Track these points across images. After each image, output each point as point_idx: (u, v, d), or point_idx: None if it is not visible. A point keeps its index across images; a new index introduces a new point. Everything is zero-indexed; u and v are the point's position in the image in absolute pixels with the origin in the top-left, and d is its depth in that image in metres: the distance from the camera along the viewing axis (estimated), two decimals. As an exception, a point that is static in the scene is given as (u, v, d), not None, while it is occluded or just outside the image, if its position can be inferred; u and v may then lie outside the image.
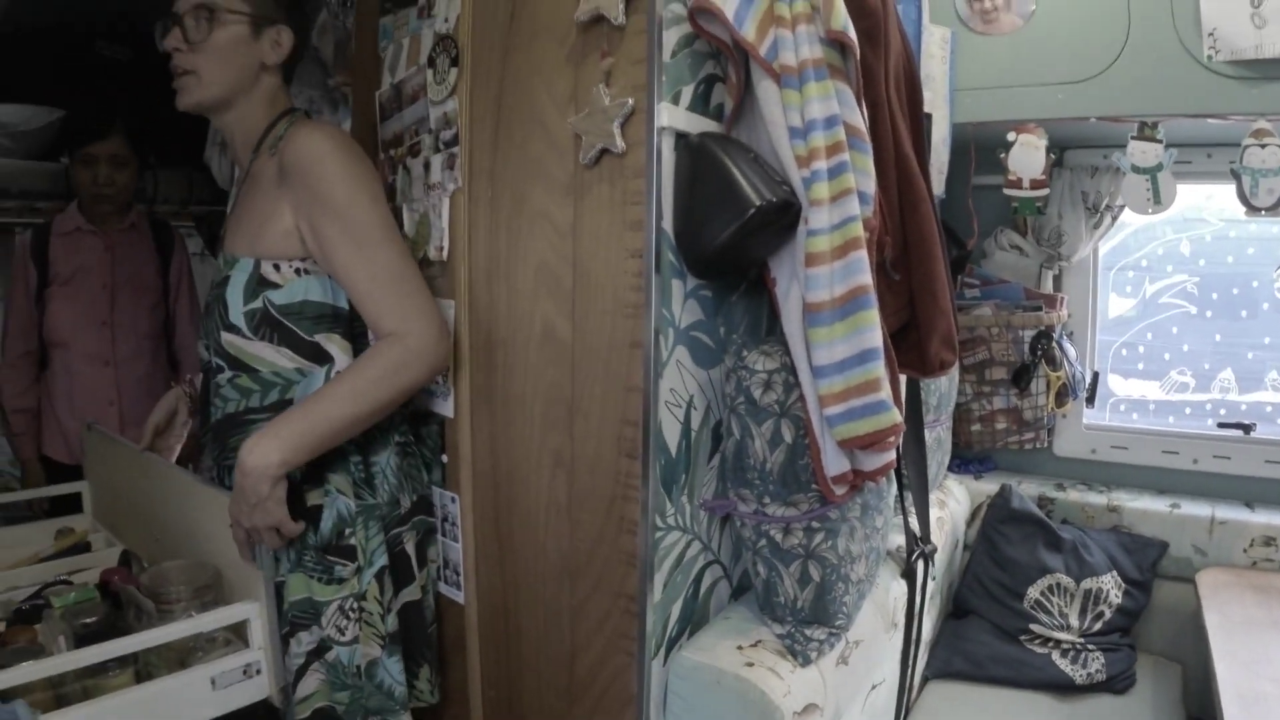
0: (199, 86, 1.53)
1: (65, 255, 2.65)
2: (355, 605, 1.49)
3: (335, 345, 1.52)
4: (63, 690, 1.26)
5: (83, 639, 1.34)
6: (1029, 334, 2.46)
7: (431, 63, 1.60)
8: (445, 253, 1.58)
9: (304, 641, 1.47)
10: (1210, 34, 1.98)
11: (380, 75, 1.79)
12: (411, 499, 1.61)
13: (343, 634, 1.48)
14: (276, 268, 1.48)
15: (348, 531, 1.49)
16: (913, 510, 1.91)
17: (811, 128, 1.28)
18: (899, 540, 1.89)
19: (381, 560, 1.52)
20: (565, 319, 1.40)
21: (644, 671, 1.38)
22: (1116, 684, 2.15)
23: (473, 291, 1.57)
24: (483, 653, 1.66)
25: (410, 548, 1.60)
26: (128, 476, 1.84)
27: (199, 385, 1.83)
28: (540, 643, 1.54)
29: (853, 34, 1.32)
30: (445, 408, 1.62)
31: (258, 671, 1.40)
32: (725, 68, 1.40)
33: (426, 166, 1.62)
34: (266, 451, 1.37)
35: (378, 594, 1.51)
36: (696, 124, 1.34)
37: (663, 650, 1.41)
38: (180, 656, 1.39)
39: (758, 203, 1.23)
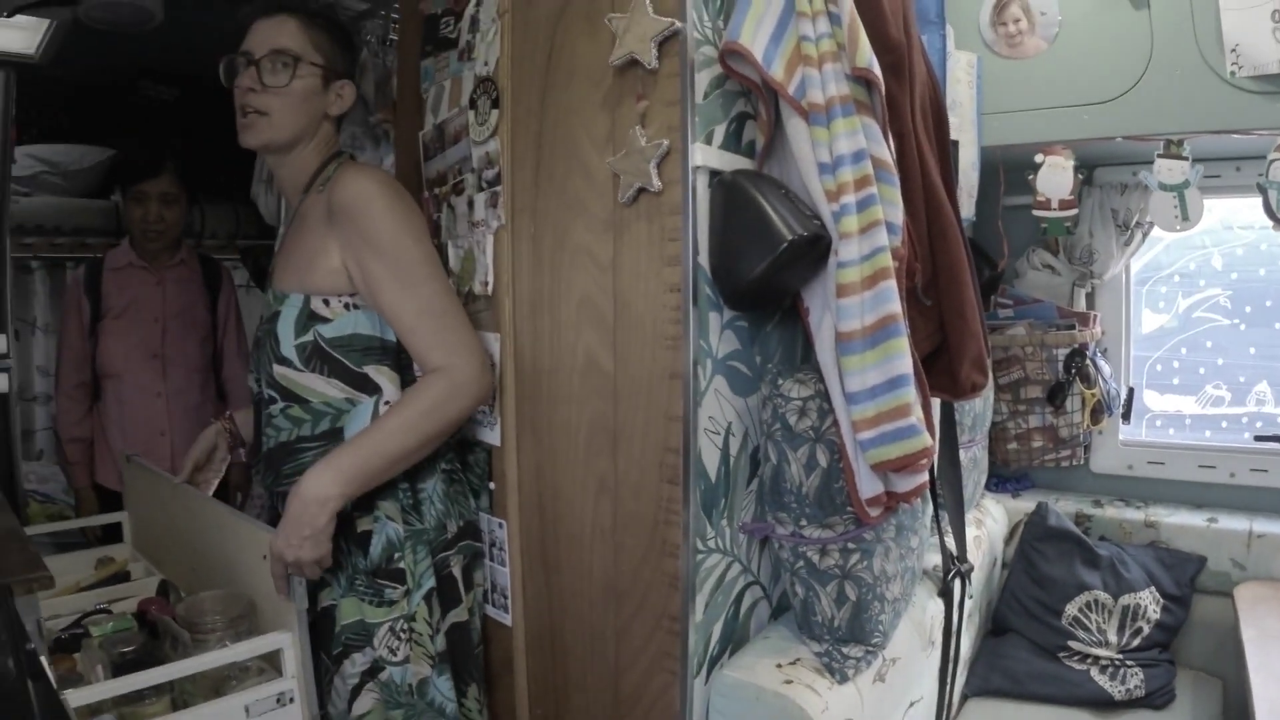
0: (269, 128, 1.59)
1: (118, 290, 2.73)
2: (405, 626, 1.54)
3: (384, 376, 1.58)
4: (101, 718, 1.31)
5: (120, 668, 1.37)
6: (1063, 352, 2.48)
7: (473, 104, 1.66)
8: (490, 287, 1.65)
9: (358, 663, 1.53)
10: (1233, 50, 2.00)
11: (423, 115, 1.86)
12: (458, 524, 1.65)
13: (394, 654, 1.53)
14: (326, 303, 1.55)
15: (396, 556, 1.55)
16: (949, 530, 1.94)
17: (840, 163, 1.34)
18: (936, 560, 1.92)
19: (430, 583, 1.57)
20: (607, 350, 1.46)
21: (687, 689, 1.42)
22: (1156, 699, 2.15)
23: (517, 324, 1.63)
24: (530, 673, 1.70)
25: (457, 571, 1.65)
26: (167, 508, 1.89)
27: (238, 421, 1.92)
28: (586, 663, 1.58)
29: (877, 70, 1.38)
30: (492, 436, 1.67)
31: (291, 700, 1.42)
32: (755, 105, 1.45)
33: (470, 204, 1.68)
34: (326, 484, 1.44)
35: (426, 615, 1.57)
36: (729, 161, 1.40)
37: (704, 669, 1.45)
38: (215, 685, 1.42)
39: (790, 237, 1.29)
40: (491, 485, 1.70)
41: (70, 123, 3.82)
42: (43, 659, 1.28)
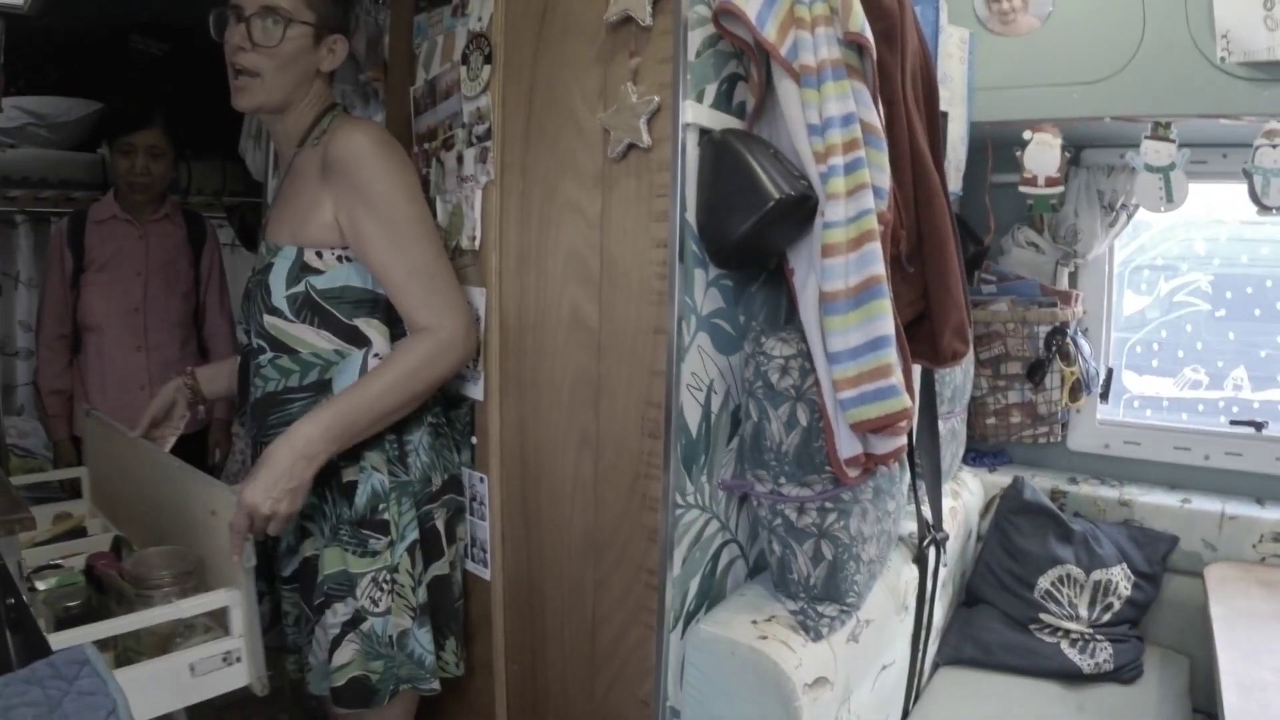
0: (262, 91, 1.57)
1: (100, 243, 2.71)
2: (388, 578, 1.56)
3: (374, 329, 1.59)
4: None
5: (63, 622, 1.34)
6: (1044, 330, 2.50)
7: (465, 59, 1.67)
8: (477, 242, 1.65)
9: (339, 612, 1.54)
10: (1224, 36, 2.01)
11: (415, 71, 1.86)
12: (443, 477, 1.67)
13: (376, 605, 1.55)
14: (319, 255, 1.56)
15: (381, 507, 1.56)
16: (925, 498, 1.96)
17: (829, 125, 1.35)
18: (912, 527, 1.94)
19: (413, 535, 1.59)
20: (593, 305, 1.47)
21: (663, 643, 1.44)
22: (1124, 674, 2.19)
23: (503, 279, 1.64)
24: (507, 627, 1.73)
25: (440, 524, 1.67)
26: (123, 463, 1.86)
27: (200, 378, 1.91)
28: (563, 616, 1.61)
29: (869, 35, 1.39)
30: (476, 391, 1.69)
31: (237, 659, 1.39)
32: (747, 67, 1.46)
33: (460, 160, 1.69)
34: (315, 440, 1.45)
35: (409, 567, 1.58)
36: (719, 121, 1.41)
37: (681, 623, 1.47)
38: (162, 643, 1.38)
39: (777, 196, 1.30)
40: (474, 440, 1.71)
41: (58, 75, 3.79)
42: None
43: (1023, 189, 2.36)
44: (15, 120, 3.48)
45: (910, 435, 1.80)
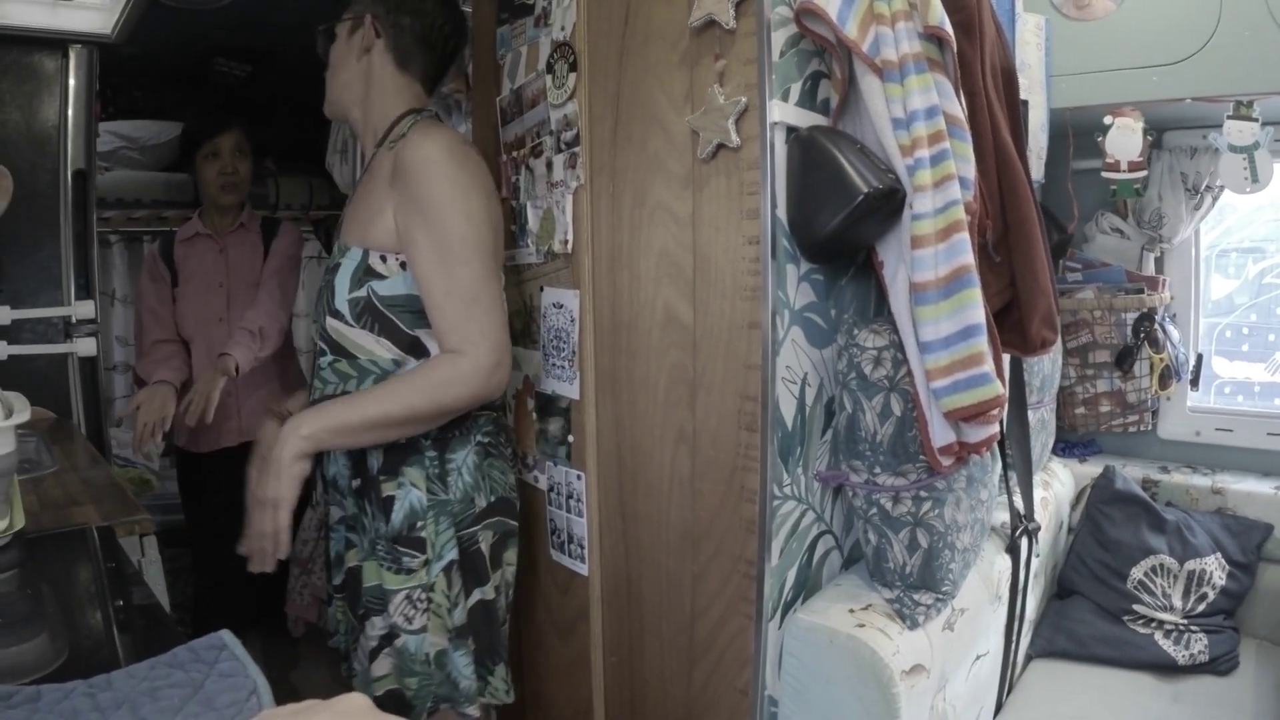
0: (327, 103, 1.71)
1: (186, 259, 2.78)
2: (423, 596, 1.57)
3: (435, 343, 1.56)
4: None
5: None
6: (1131, 316, 2.47)
7: (550, 68, 1.71)
8: (569, 245, 1.70)
9: (377, 626, 1.57)
10: (1303, 10, 1.99)
11: (500, 81, 1.90)
12: (489, 499, 1.63)
13: (410, 622, 1.56)
14: (384, 259, 1.55)
15: (419, 524, 1.57)
16: (1017, 488, 1.96)
17: (913, 118, 1.36)
18: (1004, 517, 1.94)
19: (451, 555, 1.58)
20: (686, 303, 1.50)
21: (762, 633, 1.46)
22: (1219, 665, 2.16)
23: (596, 280, 1.68)
24: (605, 620, 1.76)
25: (485, 547, 1.62)
26: None
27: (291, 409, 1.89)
28: (661, 609, 1.64)
29: (949, 28, 1.40)
30: (571, 390, 1.73)
31: None
32: (829, 64, 1.48)
33: (549, 166, 1.73)
34: (298, 425, 1.48)
35: (445, 588, 1.58)
36: (805, 118, 1.43)
37: (779, 613, 1.49)
38: None
39: (865, 190, 1.32)
40: (571, 438, 1.75)
41: (146, 100, 3.94)
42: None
43: (1106, 175, 2.34)
44: (109, 144, 3.63)
45: (1001, 425, 1.80)
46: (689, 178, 1.47)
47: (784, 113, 1.38)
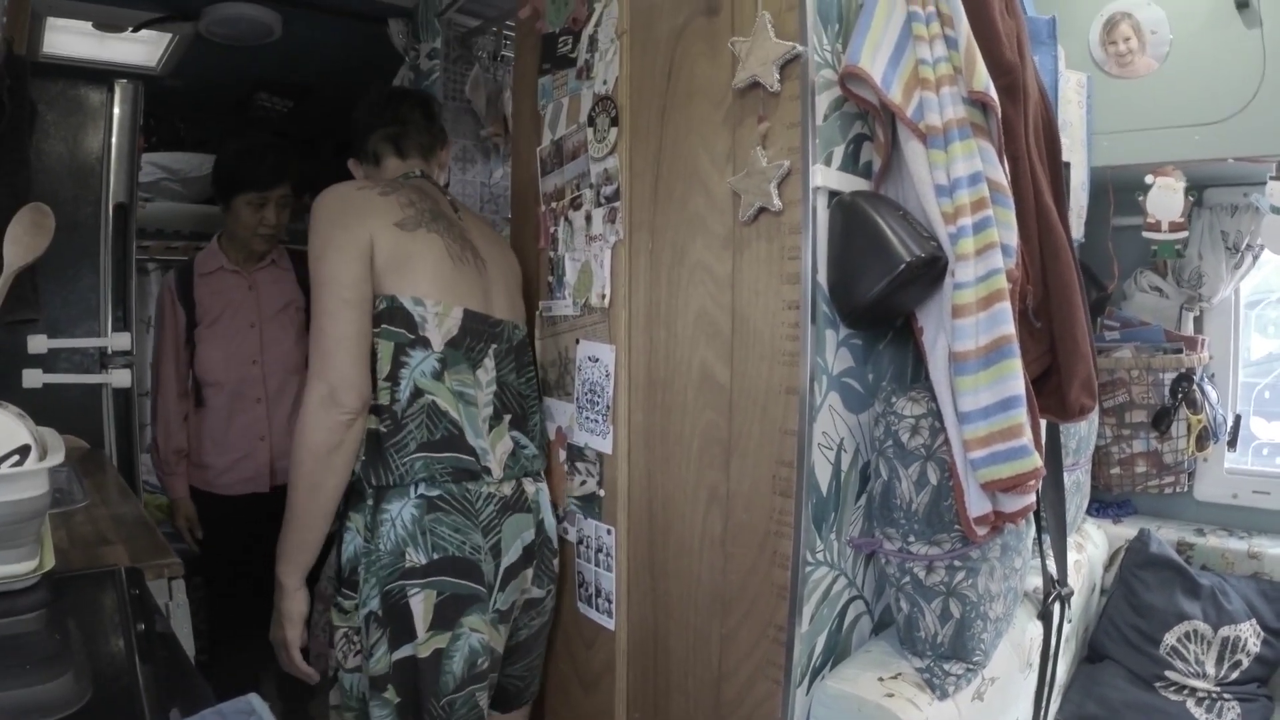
0: None
1: (210, 296, 2.66)
2: (356, 638, 1.64)
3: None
4: None
5: None
6: (1169, 376, 2.44)
7: (591, 121, 1.72)
8: (607, 300, 1.70)
9: (331, 656, 1.66)
10: (1347, 70, 1.97)
11: (539, 131, 1.92)
12: (430, 556, 1.58)
13: (345, 660, 1.65)
14: None
15: (357, 568, 1.62)
16: (1050, 553, 1.93)
17: (957, 185, 1.36)
18: (1036, 582, 1.91)
19: (373, 605, 1.59)
20: (724, 364, 1.49)
21: (789, 699, 1.44)
22: (1253, 734, 2.12)
23: (633, 336, 1.68)
24: (630, 676, 1.75)
25: (417, 604, 1.57)
26: None
27: None
28: (687, 667, 1.62)
29: (993, 93, 1.40)
30: (604, 445, 1.72)
31: None
32: (872, 127, 1.48)
33: (588, 219, 1.74)
34: (277, 570, 1.63)
35: (366, 635, 1.62)
36: (847, 183, 1.43)
37: (807, 679, 1.47)
38: None
39: (907, 258, 1.31)
40: (602, 492, 1.74)
41: (189, 131, 4.00)
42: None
43: (1146, 234, 2.32)
44: (150, 175, 3.68)
45: (1036, 491, 1.78)
46: (729, 238, 1.47)
47: (827, 177, 1.37)
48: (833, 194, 1.40)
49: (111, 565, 1.52)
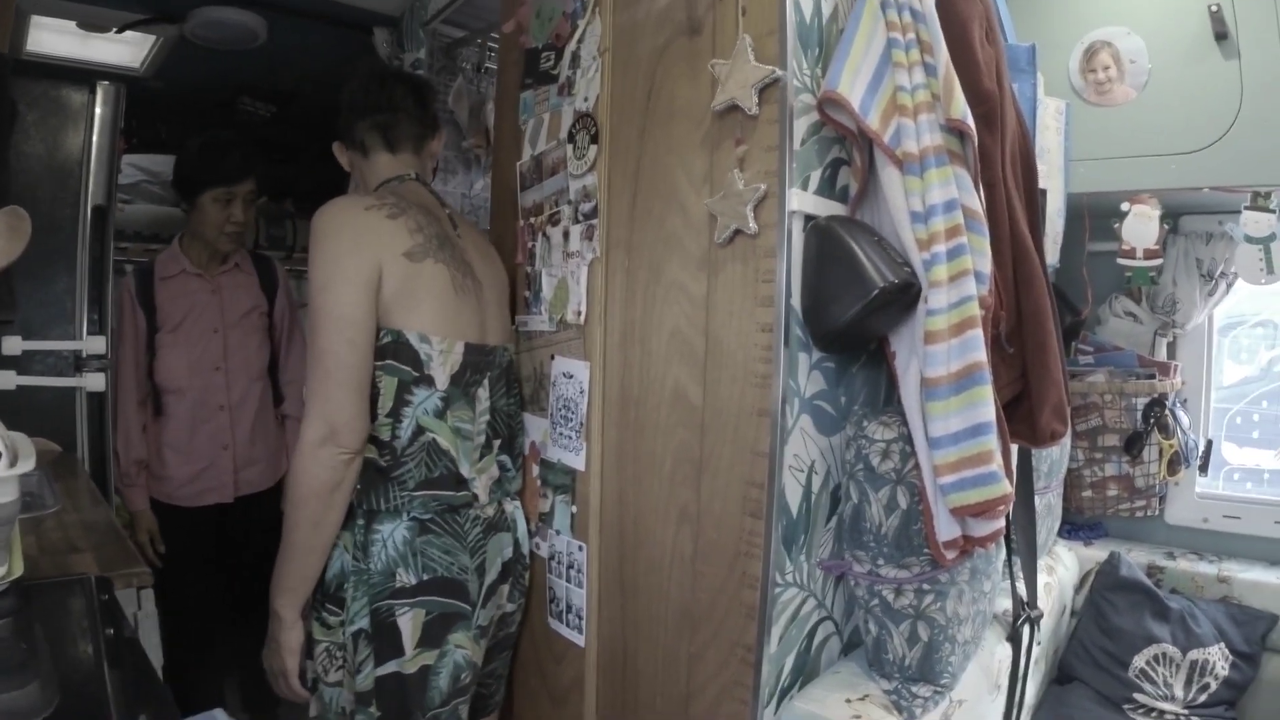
0: None
1: (171, 300, 2.60)
2: (339, 653, 1.64)
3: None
4: None
5: None
6: (1142, 401, 2.47)
7: (572, 138, 1.72)
8: (583, 317, 1.70)
9: (311, 668, 1.65)
10: (1323, 102, 2.00)
11: (520, 146, 1.92)
12: (420, 577, 1.60)
13: (327, 674, 1.66)
14: None
15: (344, 586, 1.61)
16: (1020, 575, 1.94)
17: (932, 212, 1.37)
18: (1006, 604, 1.92)
19: (362, 623, 1.59)
20: (697, 384, 1.49)
21: (757, 718, 1.44)
22: (1221, 757, 2.14)
23: (607, 353, 1.68)
24: (600, 691, 1.74)
25: (405, 622, 1.58)
26: None
27: None
28: (656, 685, 1.62)
29: (971, 121, 1.41)
30: (577, 461, 1.72)
31: None
32: (850, 152, 1.49)
33: (566, 235, 1.74)
34: (271, 603, 1.62)
35: (353, 651, 1.61)
36: (824, 207, 1.43)
37: (775, 699, 1.47)
38: None
39: (881, 284, 1.32)
40: (574, 509, 1.74)
41: (170, 133, 3.97)
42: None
43: (1121, 261, 2.35)
44: (130, 177, 3.64)
45: (1006, 515, 1.79)
46: (705, 259, 1.47)
47: (803, 201, 1.38)
48: (808, 218, 1.41)
49: (80, 573, 1.51)
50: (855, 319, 1.33)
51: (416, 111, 1.85)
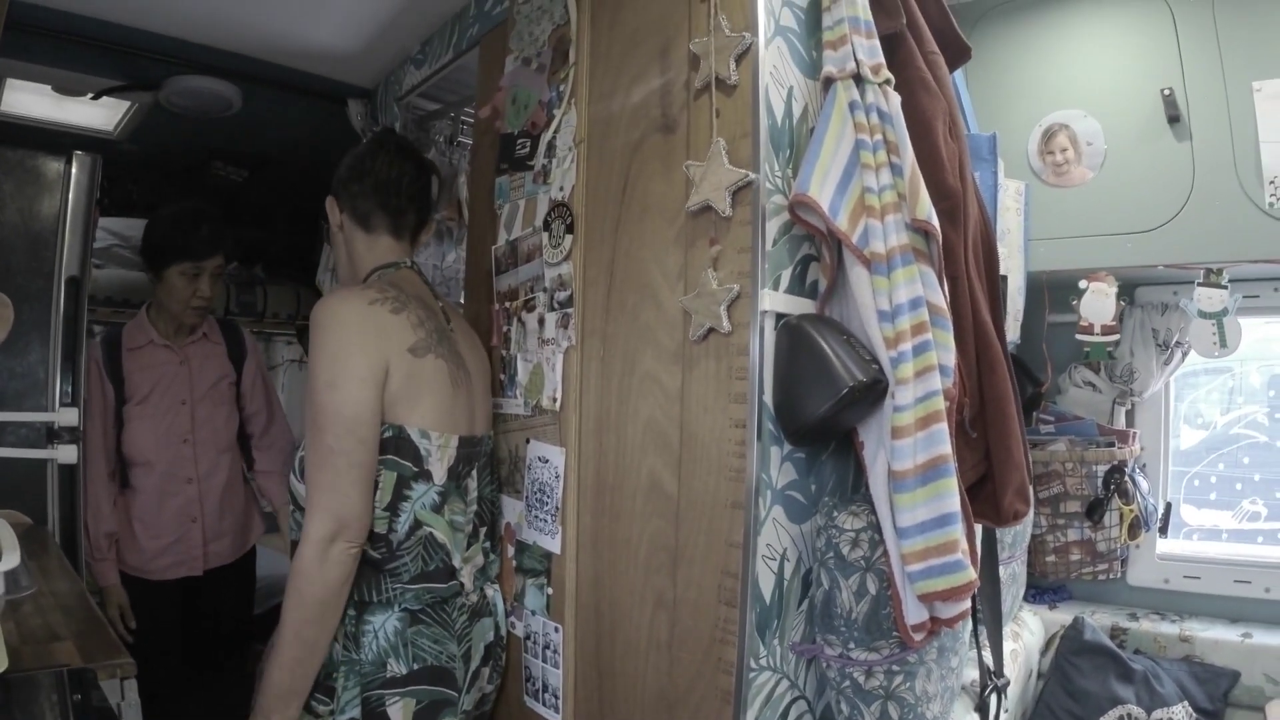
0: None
1: (139, 371, 2.60)
2: None
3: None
4: None
5: None
6: (1102, 469, 2.53)
7: (547, 226, 1.77)
8: (558, 403, 1.73)
9: None
10: (1271, 182, 2.08)
11: (495, 228, 1.96)
12: (411, 667, 1.61)
13: None
14: None
15: (333, 675, 1.60)
16: (986, 644, 1.98)
17: (898, 311, 1.42)
18: (973, 675, 1.96)
19: (353, 712, 1.59)
20: (672, 474, 1.53)
21: (734, 800, 1.47)
22: (1187, 819, 2.18)
23: (582, 440, 1.71)
24: (577, 772, 1.76)
25: (396, 712, 1.60)
26: None
27: None
28: (634, 767, 1.64)
29: (935, 221, 1.47)
30: (553, 545, 1.75)
31: None
32: (819, 249, 1.54)
33: (541, 322, 1.78)
34: (258, 712, 1.59)
35: None
36: (795, 305, 1.48)
37: (750, 781, 1.50)
38: None
39: (850, 383, 1.36)
40: (550, 591, 1.76)
41: (141, 194, 3.98)
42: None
43: (1080, 337, 2.43)
44: (101, 241, 3.61)
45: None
46: (679, 354, 1.51)
47: (775, 301, 1.43)
48: (779, 316, 1.45)
49: (63, 664, 1.51)
50: (826, 416, 1.38)
51: (426, 203, 1.89)
